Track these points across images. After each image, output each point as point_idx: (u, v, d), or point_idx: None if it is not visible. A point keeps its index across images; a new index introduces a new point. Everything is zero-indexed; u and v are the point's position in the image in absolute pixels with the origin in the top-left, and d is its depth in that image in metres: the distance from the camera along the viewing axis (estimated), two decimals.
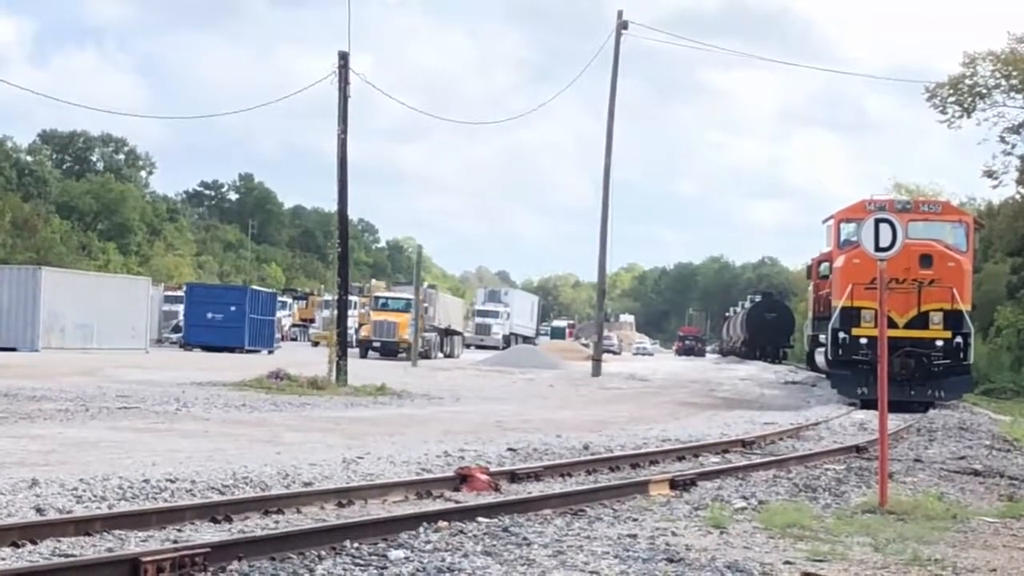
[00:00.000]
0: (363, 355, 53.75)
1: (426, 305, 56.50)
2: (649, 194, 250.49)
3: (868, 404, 26.02)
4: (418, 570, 8.03)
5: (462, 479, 12.03)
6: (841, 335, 27.51)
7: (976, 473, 15.49)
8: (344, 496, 10.87)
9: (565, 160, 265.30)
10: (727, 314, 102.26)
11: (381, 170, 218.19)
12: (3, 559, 7.89)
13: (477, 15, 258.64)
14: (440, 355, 58.74)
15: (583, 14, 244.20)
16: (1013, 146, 48.33)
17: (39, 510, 9.59)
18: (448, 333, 62.27)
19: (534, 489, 12.31)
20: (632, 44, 44.25)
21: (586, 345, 70.92)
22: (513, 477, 12.75)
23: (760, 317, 74.81)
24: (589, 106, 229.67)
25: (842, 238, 29.52)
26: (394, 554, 8.47)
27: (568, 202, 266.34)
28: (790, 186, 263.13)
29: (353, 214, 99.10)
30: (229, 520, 9.58)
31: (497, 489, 12.02)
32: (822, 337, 31.13)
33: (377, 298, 60.64)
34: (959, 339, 27.25)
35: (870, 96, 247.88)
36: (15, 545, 8.20)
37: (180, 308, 59.83)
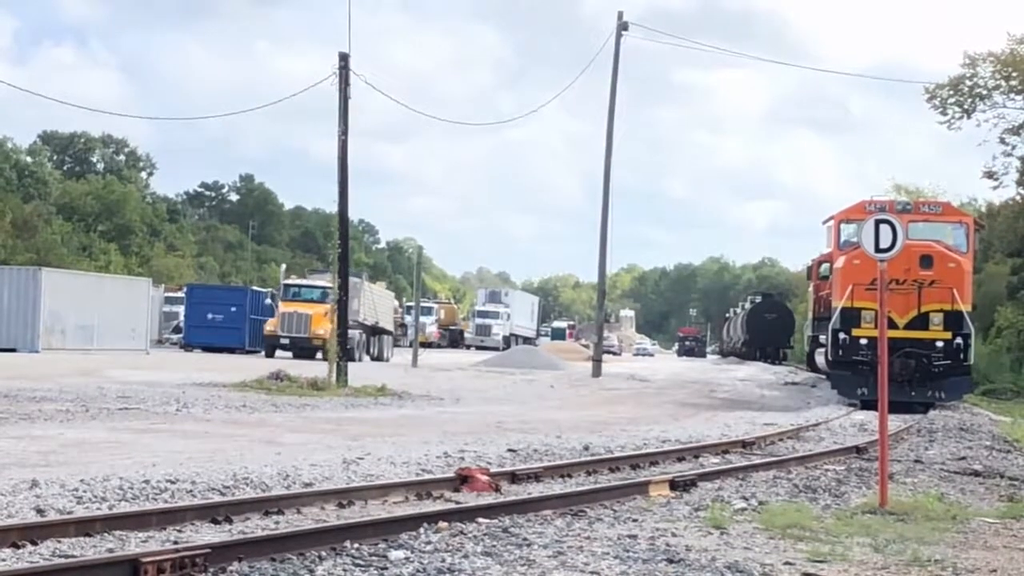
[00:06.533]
0: (269, 354, 47.40)
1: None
2: (639, 194, 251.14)
3: (868, 405, 26.02)
4: (418, 570, 8.03)
5: (462, 480, 12.03)
6: (841, 336, 27.53)
7: (976, 474, 15.50)
8: (344, 497, 10.87)
9: (555, 160, 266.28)
10: (727, 315, 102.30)
11: (370, 171, 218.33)
12: (3, 560, 7.89)
13: (452, 14, 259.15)
14: (366, 357, 49.72)
15: (560, 13, 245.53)
16: (1013, 147, 48.42)
17: (39, 511, 9.59)
18: (376, 331, 53.47)
19: (534, 490, 12.31)
20: (611, 45, 44.18)
21: (586, 346, 70.93)
22: (513, 478, 12.75)
23: (760, 318, 74.83)
24: (576, 106, 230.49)
25: (842, 239, 29.55)
26: (394, 554, 8.48)
27: (560, 202, 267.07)
28: (779, 186, 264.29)
29: (353, 215, 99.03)
30: (229, 521, 9.58)
31: (497, 490, 12.02)
32: (822, 338, 31.14)
33: (287, 286, 51.06)
34: (959, 340, 27.26)
35: (855, 95, 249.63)
36: (15, 546, 8.19)
37: (180, 309, 59.75)
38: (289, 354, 46.84)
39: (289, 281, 52.53)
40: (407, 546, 8.80)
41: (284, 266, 64.77)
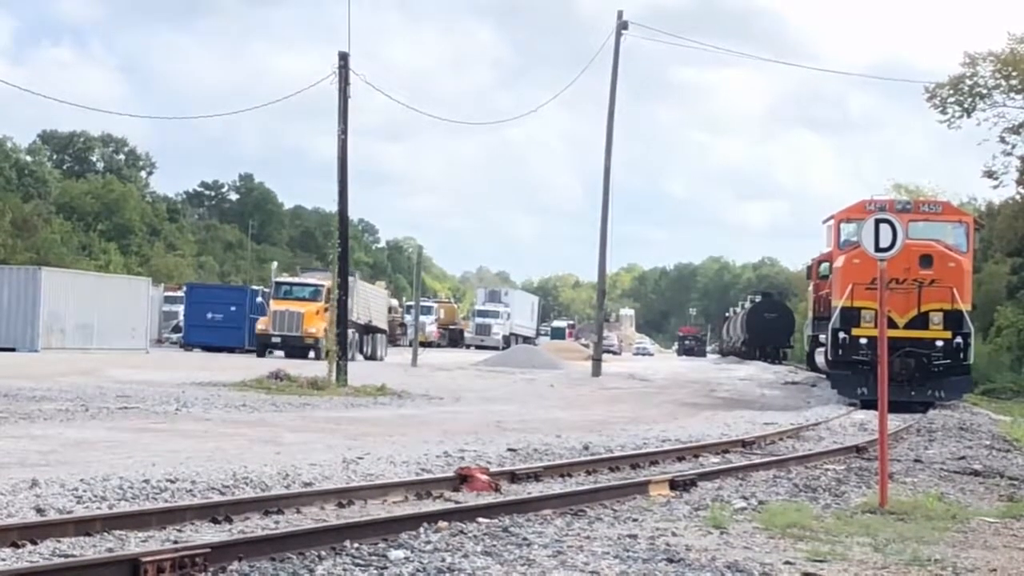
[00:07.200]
0: (261, 353, 46.71)
1: None
2: (639, 194, 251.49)
3: (868, 404, 26.01)
4: (418, 570, 8.03)
5: (462, 479, 12.03)
6: (841, 335, 27.51)
7: (976, 473, 15.50)
8: (344, 496, 10.87)
9: (554, 160, 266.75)
10: (727, 314, 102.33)
11: (370, 170, 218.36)
12: (3, 559, 7.89)
13: (451, 13, 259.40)
14: (359, 356, 48.36)
15: (559, 12, 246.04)
16: (1013, 146, 48.47)
17: (39, 510, 9.59)
18: (369, 330, 52.53)
19: (534, 489, 12.30)
20: (611, 44, 44.21)
21: (586, 345, 70.93)
22: (513, 477, 12.75)
23: (760, 317, 74.87)
24: (575, 105, 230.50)
25: (842, 238, 29.52)
26: (394, 554, 8.47)
27: (560, 202, 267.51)
28: (779, 186, 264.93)
29: (353, 214, 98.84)
30: (229, 520, 9.58)
31: (497, 489, 12.02)
32: (822, 337, 31.12)
33: (279, 284, 49.92)
34: (959, 339, 27.24)
35: (855, 95, 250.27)
36: (15, 545, 8.19)
37: (180, 308, 59.72)
38: (281, 353, 46.63)
39: (280, 279, 51.56)
40: (407, 546, 8.80)
41: (275, 263, 63.82)
